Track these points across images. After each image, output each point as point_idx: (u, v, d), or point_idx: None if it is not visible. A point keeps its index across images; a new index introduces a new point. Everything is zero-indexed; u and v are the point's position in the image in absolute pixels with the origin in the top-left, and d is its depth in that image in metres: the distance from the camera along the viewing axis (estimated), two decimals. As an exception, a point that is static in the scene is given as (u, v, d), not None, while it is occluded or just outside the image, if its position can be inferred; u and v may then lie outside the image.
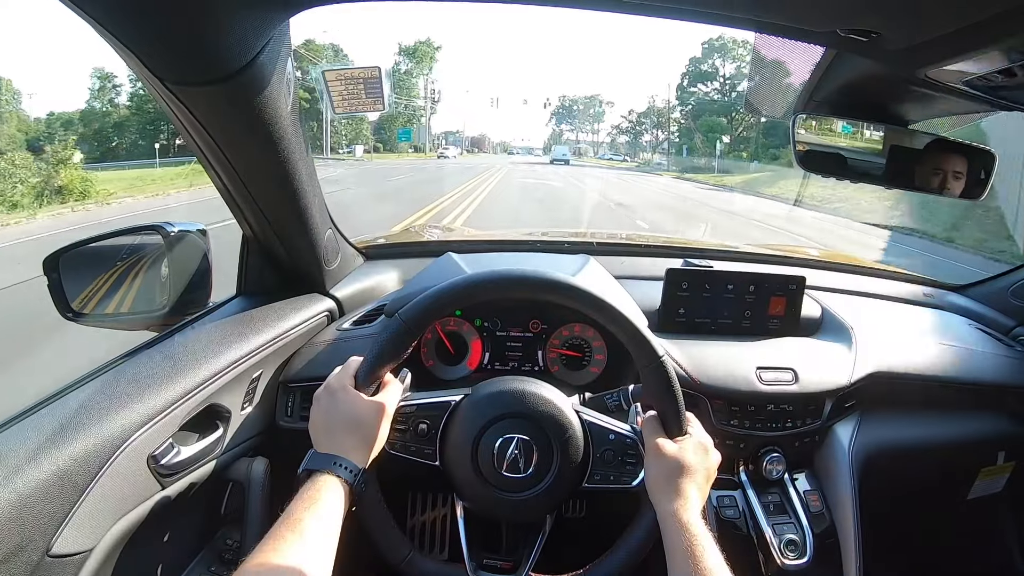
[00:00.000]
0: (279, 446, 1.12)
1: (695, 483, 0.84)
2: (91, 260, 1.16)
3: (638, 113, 60.38)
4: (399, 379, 0.94)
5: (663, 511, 0.82)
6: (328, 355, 1.17)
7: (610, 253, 1.58)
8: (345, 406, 0.84)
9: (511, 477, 0.87)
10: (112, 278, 1.20)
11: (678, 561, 0.77)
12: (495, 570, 0.91)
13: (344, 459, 0.81)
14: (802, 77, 0.99)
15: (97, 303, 1.14)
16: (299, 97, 0.92)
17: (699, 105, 47.31)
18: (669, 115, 52.22)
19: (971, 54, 0.75)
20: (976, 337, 1.48)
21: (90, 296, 1.14)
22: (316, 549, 0.71)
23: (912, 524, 1.54)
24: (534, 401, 0.90)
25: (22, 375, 3.51)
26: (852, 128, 1.10)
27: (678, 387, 0.89)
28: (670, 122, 52.04)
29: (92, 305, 1.12)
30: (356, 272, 1.41)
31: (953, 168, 1.09)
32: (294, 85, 0.90)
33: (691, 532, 0.78)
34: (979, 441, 1.41)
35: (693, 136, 45.58)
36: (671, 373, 0.89)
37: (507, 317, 1.27)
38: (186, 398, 0.90)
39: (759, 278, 1.31)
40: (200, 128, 0.85)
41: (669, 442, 0.87)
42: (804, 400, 1.20)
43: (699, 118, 45.39)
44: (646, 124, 58.51)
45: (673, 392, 0.88)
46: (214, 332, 1.05)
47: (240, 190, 1.00)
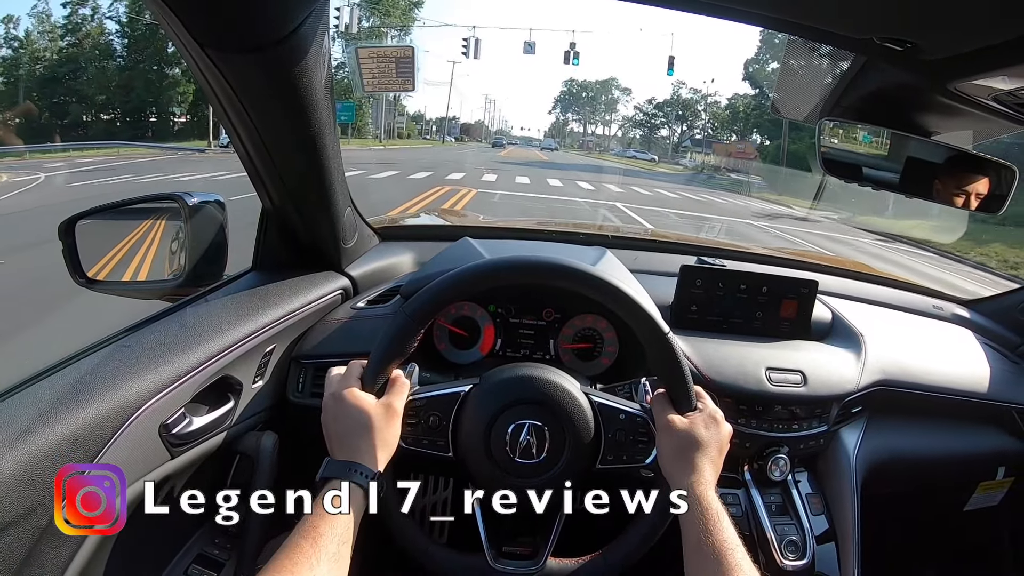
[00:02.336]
0: (289, 421, 1.13)
1: (708, 457, 0.86)
2: (107, 227, 1.17)
3: (659, 103, 52.09)
4: (406, 374, 0.94)
5: (677, 486, 0.83)
6: (341, 333, 1.18)
7: (625, 247, 1.58)
8: (354, 411, 0.85)
9: (525, 463, 0.88)
10: (127, 246, 1.21)
11: (692, 535, 0.78)
12: (515, 557, 0.91)
13: (359, 465, 0.81)
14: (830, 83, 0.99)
15: (111, 270, 1.15)
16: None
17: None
18: (704, 106, 45.95)
19: (1004, 70, 0.75)
20: (984, 352, 1.48)
21: (105, 263, 1.15)
22: (331, 557, 0.72)
23: (909, 532, 1.55)
24: (543, 386, 0.90)
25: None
26: (873, 137, 1.10)
27: (685, 362, 0.90)
28: (716, 117, 45.85)
29: (106, 272, 1.13)
30: (372, 252, 1.41)
31: (973, 181, 1.09)
32: (329, 60, 0.90)
33: (704, 506, 0.80)
34: (981, 455, 1.41)
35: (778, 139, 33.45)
36: (677, 348, 0.89)
37: (521, 304, 1.28)
38: (199, 369, 0.90)
39: (772, 280, 1.32)
40: (233, 96, 0.84)
41: (679, 417, 0.88)
42: (811, 403, 1.20)
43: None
44: (667, 116, 51.02)
45: (680, 367, 0.89)
46: (229, 304, 1.05)
47: (265, 161, 1.00)
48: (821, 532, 1.18)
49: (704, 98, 47.47)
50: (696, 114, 48.35)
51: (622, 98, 59.72)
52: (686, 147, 46.51)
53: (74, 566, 0.75)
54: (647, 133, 54.33)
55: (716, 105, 46.94)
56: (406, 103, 43.19)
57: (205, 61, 0.77)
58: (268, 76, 0.81)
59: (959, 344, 1.51)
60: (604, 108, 60.44)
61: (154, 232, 1.20)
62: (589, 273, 0.91)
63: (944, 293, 1.75)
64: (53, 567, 0.72)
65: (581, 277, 0.91)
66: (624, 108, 60.11)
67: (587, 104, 60.95)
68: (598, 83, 60.63)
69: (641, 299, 0.91)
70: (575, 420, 0.89)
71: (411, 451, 0.90)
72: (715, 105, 46.93)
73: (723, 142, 43.17)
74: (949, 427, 1.38)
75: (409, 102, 45.62)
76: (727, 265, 1.37)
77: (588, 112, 61.37)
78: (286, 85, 0.83)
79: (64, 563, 0.73)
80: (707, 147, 43.42)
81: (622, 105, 59.95)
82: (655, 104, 53.04)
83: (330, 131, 0.97)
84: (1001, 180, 1.09)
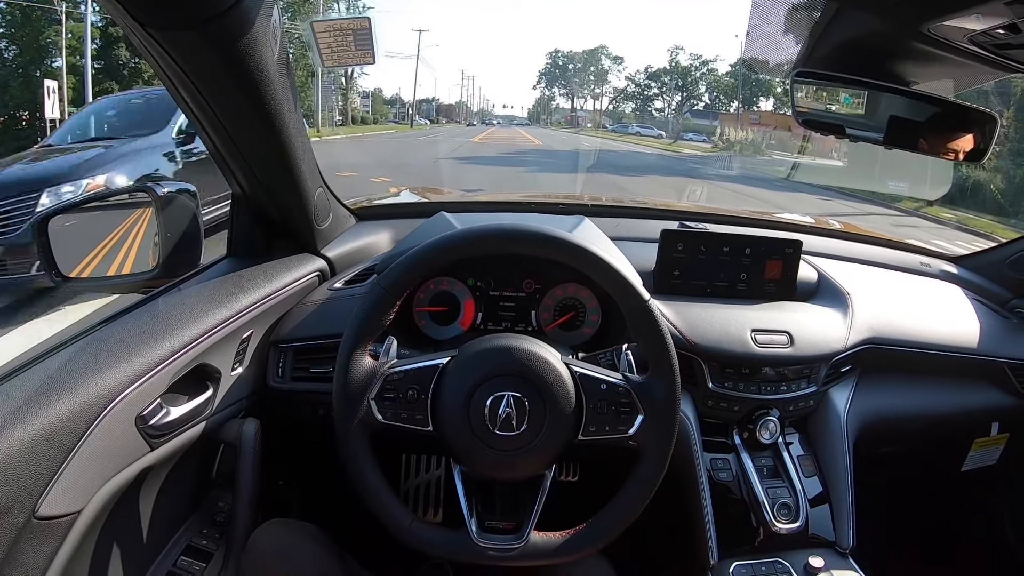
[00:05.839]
0: (270, 407, 1.13)
1: None
2: (80, 223, 1.15)
3: (654, 71, 45.34)
4: (384, 349, 0.94)
5: None
6: (320, 314, 1.17)
7: (605, 215, 1.56)
8: None
9: (505, 436, 0.87)
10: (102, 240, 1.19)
11: None
12: (498, 531, 0.91)
13: None
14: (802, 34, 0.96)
15: (86, 266, 1.13)
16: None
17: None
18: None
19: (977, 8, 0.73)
20: (973, 308, 1.47)
21: (79, 259, 1.13)
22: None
23: (906, 493, 1.55)
24: (522, 357, 0.89)
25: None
26: (854, 98, 1.08)
27: (666, 328, 0.89)
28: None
29: (81, 268, 1.11)
30: (348, 232, 1.39)
31: (958, 137, 1.07)
32: (281, 35, 0.88)
33: None
34: (973, 411, 1.41)
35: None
36: (657, 314, 0.89)
37: (500, 276, 1.26)
38: (174, 357, 0.89)
39: (755, 241, 1.30)
40: (185, 78, 0.83)
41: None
42: (799, 363, 1.20)
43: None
44: (664, 86, 44.41)
45: (661, 333, 0.88)
46: (203, 292, 1.04)
47: (227, 144, 0.98)
48: (814, 494, 1.18)
49: (705, 64, 43.35)
50: (695, 83, 44.44)
51: (613, 68, 53.80)
52: (687, 120, 42.35)
53: (57, 562, 0.74)
54: (640, 105, 49.41)
55: (716, 72, 43.12)
56: (362, 82, 37.95)
57: (150, 41, 0.75)
58: (214, 52, 0.79)
59: (947, 300, 1.49)
60: (594, 80, 54.53)
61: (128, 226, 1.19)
62: (565, 239, 0.89)
63: (930, 250, 1.73)
64: (35, 565, 0.71)
65: (557, 244, 0.89)
66: (616, 79, 55.06)
67: (575, 76, 55.24)
68: (585, 53, 54.57)
69: (619, 264, 0.90)
70: (555, 391, 0.88)
71: (390, 426, 0.89)
72: (715, 72, 43.08)
73: (730, 112, 40.01)
74: (940, 384, 1.37)
75: (385, 84, 41.84)
76: (709, 228, 1.36)
77: (576, 85, 55.52)
78: (235, 61, 0.81)
79: (47, 560, 0.73)
80: (713, 118, 39.75)
81: (613, 76, 54.31)
82: (650, 73, 47.95)
83: (289, 108, 0.95)
84: (984, 132, 1.07)
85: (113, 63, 20.39)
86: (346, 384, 0.88)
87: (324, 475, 1.34)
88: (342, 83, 33.54)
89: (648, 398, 0.90)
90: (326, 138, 22.86)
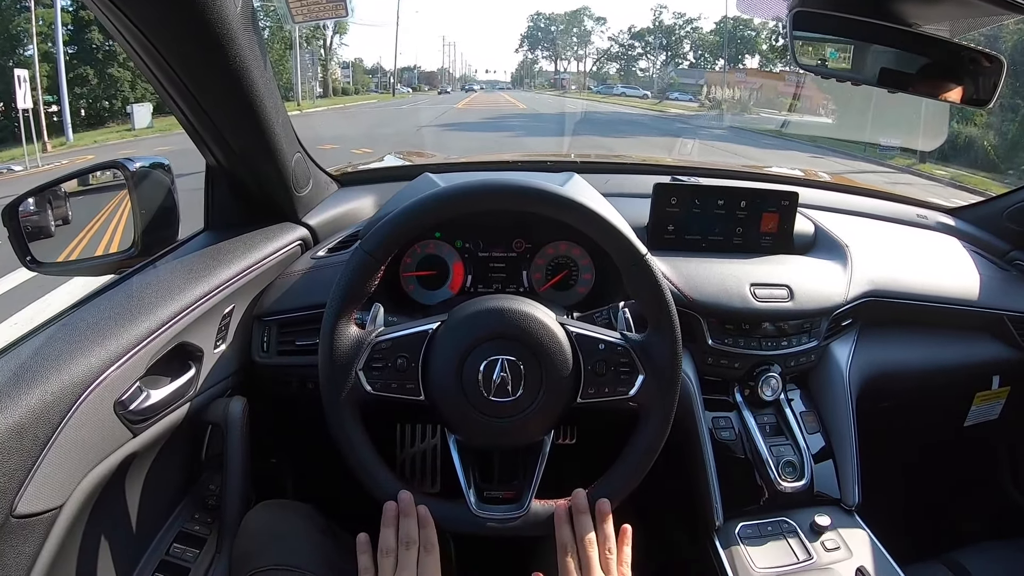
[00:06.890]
0: (257, 384, 1.09)
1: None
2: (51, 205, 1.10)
3: (638, 31, 45.28)
4: (370, 316, 0.90)
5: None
6: (304, 285, 1.13)
7: (595, 171, 1.52)
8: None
9: (501, 402, 0.84)
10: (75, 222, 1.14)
11: None
12: (498, 501, 0.89)
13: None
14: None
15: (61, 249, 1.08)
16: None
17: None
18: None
19: None
20: (971, 260, 1.46)
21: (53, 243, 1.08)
22: None
23: (910, 448, 1.55)
24: (515, 318, 0.85)
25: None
26: (839, 53, 1.04)
27: (665, 284, 0.86)
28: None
29: (56, 252, 1.07)
30: (330, 199, 1.35)
31: (960, 73, 1.03)
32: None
33: None
34: (974, 364, 1.39)
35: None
36: (656, 270, 0.85)
37: (489, 237, 1.22)
38: (151, 337, 0.85)
39: (750, 193, 1.27)
40: (148, 44, 0.78)
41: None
42: (800, 317, 1.17)
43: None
44: (648, 45, 44.31)
45: (660, 288, 0.85)
46: (179, 268, 1.00)
47: (197, 112, 0.93)
48: (818, 451, 1.17)
49: (689, 22, 43.16)
50: (679, 41, 44.23)
51: (596, 28, 53.23)
52: (671, 79, 41.86)
53: (41, 561, 0.71)
54: (624, 66, 49.31)
55: (700, 30, 42.99)
56: (342, 52, 37.62)
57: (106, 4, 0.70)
58: (169, 9, 0.74)
59: (946, 252, 1.48)
60: (577, 41, 53.99)
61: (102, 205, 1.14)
62: (558, 194, 0.85)
63: (927, 201, 1.70)
64: (17, 565, 0.68)
65: (549, 199, 0.85)
66: (599, 40, 54.79)
67: (557, 38, 54.65)
68: (568, 14, 53.97)
69: (615, 219, 0.86)
70: (551, 353, 0.84)
71: (380, 397, 0.86)
72: (699, 30, 42.90)
73: (714, 70, 39.84)
74: (941, 337, 1.36)
75: (366, 54, 40.83)
76: (702, 182, 1.32)
77: (559, 47, 54.94)
78: (193, 18, 0.75)
79: (29, 559, 0.69)
80: (699, 76, 39.14)
81: (596, 36, 53.81)
82: (633, 33, 47.85)
83: (258, 66, 0.90)
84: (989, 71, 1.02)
85: (86, 46, 20.06)
86: (331, 355, 0.84)
87: (317, 452, 1.32)
88: (321, 54, 32.84)
89: (648, 357, 0.87)
90: (307, 111, 22.59)
